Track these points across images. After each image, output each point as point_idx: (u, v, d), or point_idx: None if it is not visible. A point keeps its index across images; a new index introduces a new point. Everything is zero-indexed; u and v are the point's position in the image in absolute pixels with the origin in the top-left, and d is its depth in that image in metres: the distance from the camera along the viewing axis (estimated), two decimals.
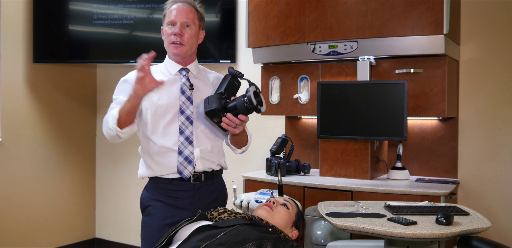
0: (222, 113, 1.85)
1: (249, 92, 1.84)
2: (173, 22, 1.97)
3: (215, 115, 1.85)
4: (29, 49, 3.59)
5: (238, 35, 3.45)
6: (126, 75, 2.02)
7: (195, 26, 2.00)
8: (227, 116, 1.85)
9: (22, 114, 3.59)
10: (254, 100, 1.83)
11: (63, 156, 3.89)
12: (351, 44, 2.66)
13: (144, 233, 1.97)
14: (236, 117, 1.85)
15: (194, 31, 1.99)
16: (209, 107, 1.85)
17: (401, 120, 2.53)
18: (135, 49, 3.54)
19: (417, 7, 2.48)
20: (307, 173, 2.85)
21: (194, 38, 2.00)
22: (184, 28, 1.96)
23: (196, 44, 2.04)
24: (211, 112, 1.85)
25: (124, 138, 1.89)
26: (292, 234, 1.88)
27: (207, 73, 2.14)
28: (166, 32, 1.99)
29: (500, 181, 2.68)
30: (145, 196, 2.01)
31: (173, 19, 1.97)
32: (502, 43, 2.68)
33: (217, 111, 1.84)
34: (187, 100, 1.96)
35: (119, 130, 1.84)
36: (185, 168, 1.92)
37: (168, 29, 1.98)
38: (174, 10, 1.98)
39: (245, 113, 1.85)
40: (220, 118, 1.86)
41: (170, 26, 1.98)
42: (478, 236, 1.78)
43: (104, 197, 4.15)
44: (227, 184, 2.16)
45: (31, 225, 3.64)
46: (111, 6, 3.51)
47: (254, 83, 1.92)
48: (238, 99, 1.86)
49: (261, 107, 1.88)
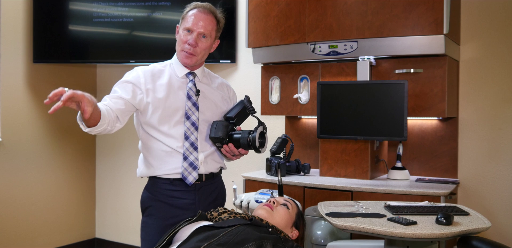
0: (226, 141, 1.96)
1: (255, 133, 1.95)
2: (190, 29, 1.92)
3: (219, 142, 1.96)
4: (29, 49, 3.59)
5: (238, 35, 3.45)
6: (130, 76, 1.97)
7: (211, 38, 1.96)
8: (228, 146, 1.96)
9: (22, 114, 3.59)
10: (257, 142, 1.94)
11: (63, 156, 3.89)
12: (351, 44, 2.66)
13: (144, 233, 1.97)
14: (236, 149, 1.96)
15: (209, 42, 1.96)
16: (215, 133, 1.95)
17: (401, 120, 2.53)
18: (135, 49, 3.54)
19: (417, 7, 2.48)
20: (307, 173, 2.85)
21: (207, 50, 1.98)
22: (199, 39, 1.92)
23: (207, 54, 2.02)
24: (215, 139, 1.96)
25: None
26: (292, 234, 1.88)
27: (213, 77, 2.13)
28: (180, 37, 1.95)
29: (500, 181, 2.68)
30: (145, 196, 2.00)
31: (190, 26, 1.91)
32: (502, 43, 2.68)
33: (221, 139, 1.95)
34: (193, 106, 1.96)
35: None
36: (190, 174, 1.93)
37: (183, 35, 1.94)
38: (194, 16, 1.92)
39: (246, 148, 1.97)
40: (221, 145, 1.97)
41: (186, 32, 1.93)
42: (478, 236, 1.78)
43: (104, 197, 4.15)
44: (227, 184, 2.16)
45: (31, 225, 3.64)
46: (111, 5, 3.51)
47: (263, 122, 2.01)
48: (244, 134, 1.96)
49: (261, 148, 1.99)
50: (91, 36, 3.59)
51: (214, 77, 2.14)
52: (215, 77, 2.15)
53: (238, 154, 1.98)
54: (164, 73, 1.99)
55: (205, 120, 1.99)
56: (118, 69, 3.95)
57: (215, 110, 2.05)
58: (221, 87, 2.12)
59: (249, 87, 3.40)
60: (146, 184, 2.03)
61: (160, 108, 1.93)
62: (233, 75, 3.52)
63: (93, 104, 1.61)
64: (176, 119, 1.94)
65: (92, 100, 1.60)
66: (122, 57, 3.56)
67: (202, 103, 1.99)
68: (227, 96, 2.13)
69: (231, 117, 2.00)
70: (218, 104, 2.06)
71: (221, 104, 2.08)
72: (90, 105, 1.57)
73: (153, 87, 1.94)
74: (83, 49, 3.64)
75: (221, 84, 2.13)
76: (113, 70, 4.06)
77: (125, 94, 1.90)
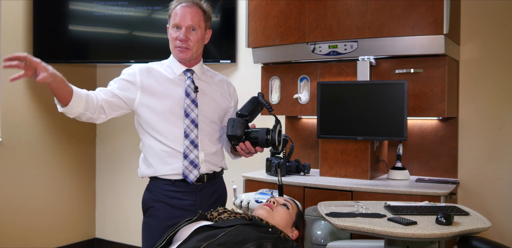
0: (243, 139, 1.93)
1: (274, 131, 1.92)
2: (178, 25, 1.92)
3: (236, 140, 1.93)
4: (29, 49, 3.59)
5: (238, 35, 3.45)
6: (126, 73, 2.00)
7: (201, 29, 1.94)
8: (245, 144, 1.93)
9: (22, 114, 3.59)
10: (276, 140, 1.91)
11: (63, 156, 3.89)
12: (351, 44, 2.66)
13: (146, 234, 1.96)
14: (253, 147, 1.94)
15: (200, 33, 1.94)
16: (233, 131, 1.92)
17: (401, 120, 2.53)
18: (135, 49, 3.54)
19: (417, 7, 2.48)
20: (307, 173, 2.85)
21: (200, 41, 1.96)
22: (189, 32, 1.91)
23: (202, 46, 2.00)
24: (233, 137, 1.92)
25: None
26: (292, 234, 1.88)
27: (212, 74, 2.12)
28: (171, 35, 1.94)
29: (500, 181, 2.68)
30: (147, 197, 1.99)
31: (177, 22, 1.91)
32: (501, 43, 2.68)
33: (239, 137, 1.92)
34: (192, 103, 1.94)
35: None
36: (191, 172, 1.92)
37: (173, 33, 1.93)
38: (179, 11, 1.92)
39: (263, 146, 1.94)
40: (238, 143, 1.94)
41: (175, 29, 1.92)
42: (478, 236, 1.78)
43: (104, 197, 4.15)
44: (227, 184, 2.16)
45: (31, 225, 3.64)
46: (111, 5, 3.51)
47: (280, 120, 1.98)
48: (261, 132, 1.92)
49: (279, 146, 1.96)
50: (91, 36, 3.59)
51: (214, 74, 2.12)
52: (215, 74, 2.13)
53: (254, 151, 1.96)
54: (161, 71, 1.97)
55: (204, 117, 1.97)
56: (118, 69, 3.91)
57: (215, 107, 2.03)
58: (221, 84, 2.10)
59: (249, 87, 3.40)
60: (147, 185, 2.02)
61: (158, 107, 1.92)
62: (233, 75, 3.52)
63: (50, 72, 1.66)
64: (175, 117, 1.93)
65: (52, 71, 1.67)
66: (122, 57, 3.56)
67: (201, 100, 1.97)
68: (227, 93, 2.11)
69: (245, 115, 1.96)
70: (218, 101, 2.04)
71: (221, 101, 2.06)
72: (45, 70, 1.62)
73: (149, 85, 1.94)
74: (83, 49, 3.64)
75: (220, 81, 2.11)
76: (113, 70, 4.06)
77: (117, 89, 1.93)
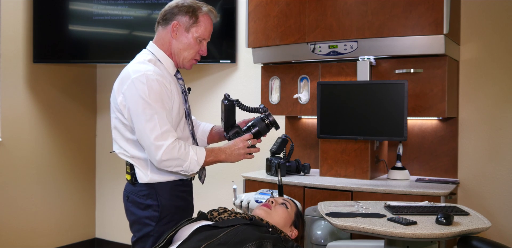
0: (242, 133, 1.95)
1: (269, 116, 1.94)
2: (204, 39, 1.90)
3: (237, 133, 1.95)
4: (29, 49, 3.59)
5: (238, 35, 3.45)
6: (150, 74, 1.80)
7: None
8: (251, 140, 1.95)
9: (22, 114, 3.59)
10: (273, 121, 1.95)
11: (63, 156, 3.89)
12: (351, 44, 2.66)
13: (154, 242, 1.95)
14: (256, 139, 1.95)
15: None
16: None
17: (401, 120, 2.53)
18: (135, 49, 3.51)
19: (417, 7, 2.48)
20: (307, 173, 2.85)
21: None
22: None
23: None
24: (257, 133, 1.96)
25: None
26: (291, 234, 1.88)
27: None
28: (191, 43, 1.88)
29: (500, 181, 2.68)
30: (165, 203, 1.89)
31: (206, 37, 1.90)
32: (502, 43, 2.68)
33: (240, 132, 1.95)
34: (186, 103, 1.96)
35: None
36: (202, 172, 1.96)
37: (194, 43, 1.88)
38: (208, 24, 1.88)
39: (266, 132, 1.97)
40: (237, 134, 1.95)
41: (197, 41, 1.89)
42: (478, 236, 1.78)
43: (104, 197, 4.15)
44: (227, 184, 2.16)
45: (31, 225, 3.64)
46: (111, 5, 3.51)
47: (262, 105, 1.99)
48: (258, 124, 1.94)
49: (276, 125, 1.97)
50: (91, 36, 3.59)
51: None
52: None
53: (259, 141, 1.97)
54: (166, 74, 1.89)
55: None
56: (118, 69, 3.91)
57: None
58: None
59: (249, 87, 3.40)
60: (156, 190, 1.90)
61: (172, 111, 1.84)
62: (233, 75, 3.52)
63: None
64: (182, 120, 1.91)
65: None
66: (122, 57, 3.55)
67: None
68: None
69: (234, 124, 1.97)
70: None
71: None
72: None
73: (172, 91, 1.88)
74: (83, 49, 3.63)
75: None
76: (113, 70, 4.06)
77: (169, 119, 1.80)
